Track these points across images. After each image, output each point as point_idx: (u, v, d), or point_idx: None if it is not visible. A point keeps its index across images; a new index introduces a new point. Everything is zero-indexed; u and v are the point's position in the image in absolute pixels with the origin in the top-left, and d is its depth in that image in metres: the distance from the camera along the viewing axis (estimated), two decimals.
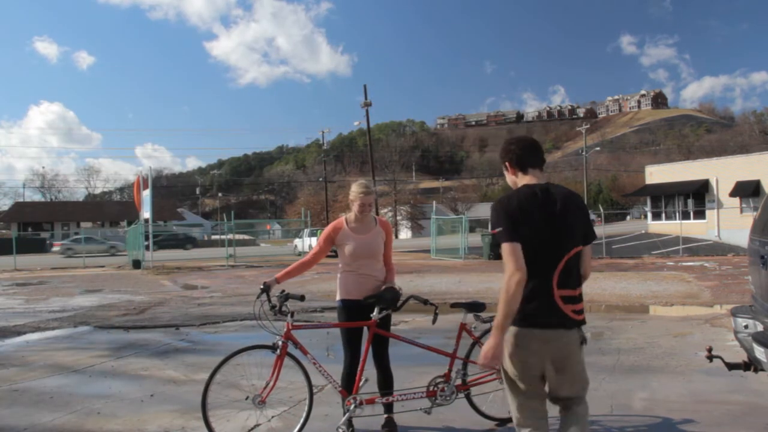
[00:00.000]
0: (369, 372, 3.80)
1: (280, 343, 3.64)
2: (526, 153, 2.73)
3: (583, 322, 2.58)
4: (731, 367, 4.02)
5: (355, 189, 3.97)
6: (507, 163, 2.76)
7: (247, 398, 3.67)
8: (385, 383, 3.89)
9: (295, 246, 32.50)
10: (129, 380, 5.52)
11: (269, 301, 3.66)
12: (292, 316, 3.69)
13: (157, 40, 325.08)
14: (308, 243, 28.66)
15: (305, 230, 30.73)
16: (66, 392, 5.13)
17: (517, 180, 2.74)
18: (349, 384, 3.80)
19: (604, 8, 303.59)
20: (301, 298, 3.80)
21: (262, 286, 3.71)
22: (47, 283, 17.37)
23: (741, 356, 4.04)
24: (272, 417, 4.19)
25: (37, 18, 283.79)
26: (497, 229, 2.58)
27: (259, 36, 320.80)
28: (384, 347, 3.90)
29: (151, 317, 9.71)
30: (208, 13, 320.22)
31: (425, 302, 4.03)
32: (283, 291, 3.67)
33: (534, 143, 2.80)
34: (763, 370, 3.68)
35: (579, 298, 2.57)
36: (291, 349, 3.70)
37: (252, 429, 4.01)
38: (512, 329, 2.51)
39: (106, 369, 6.00)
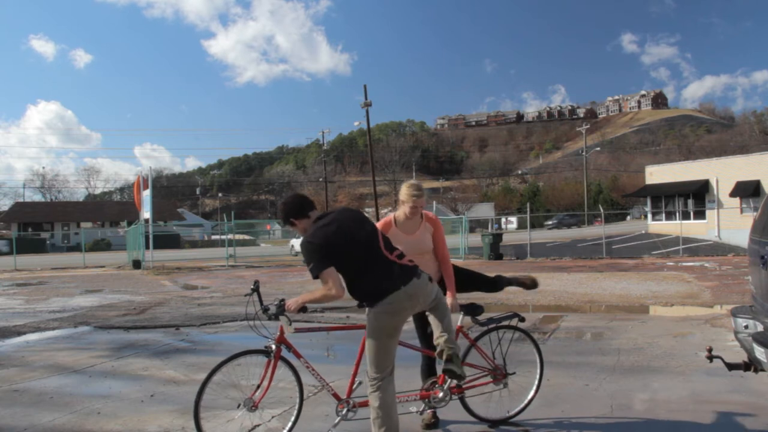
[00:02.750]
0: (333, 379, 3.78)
1: (273, 347, 3.57)
2: (300, 203, 3.43)
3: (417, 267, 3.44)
4: (731, 367, 4.01)
5: (406, 191, 3.96)
6: (292, 220, 3.40)
7: (239, 406, 3.54)
8: None
9: (292, 246, 32.41)
10: (129, 380, 5.52)
11: (261, 302, 3.54)
12: (288, 320, 3.52)
13: (154, 39, 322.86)
14: None
15: None
16: (66, 392, 5.13)
17: (306, 226, 3.39)
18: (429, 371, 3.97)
19: (605, 7, 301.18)
20: (303, 309, 3.53)
21: (252, 286, 3.62)
22: (47, 284, 17.38)
23: (741, 356, 4.04)
24: (272, 417, 4.20)
25: (33, 16, 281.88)
26: (310, 265, 3.22)
27: (258, 34, 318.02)
28: None
29: (151, 317, 9.71)
30: (207, 11, 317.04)
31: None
32: (282, 300, 3.51)
33: (301, 197, 3.54)
34: (763, 370, 3.68)
35: (402, 255, 3.43)
36: (285, 352, 3.62)
37: (252, 429, 4.01)
38: (389, 299, 3.23)
39: (106, 369, 6.00)
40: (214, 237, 58.77)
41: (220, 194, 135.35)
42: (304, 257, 3.29)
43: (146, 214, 23.35)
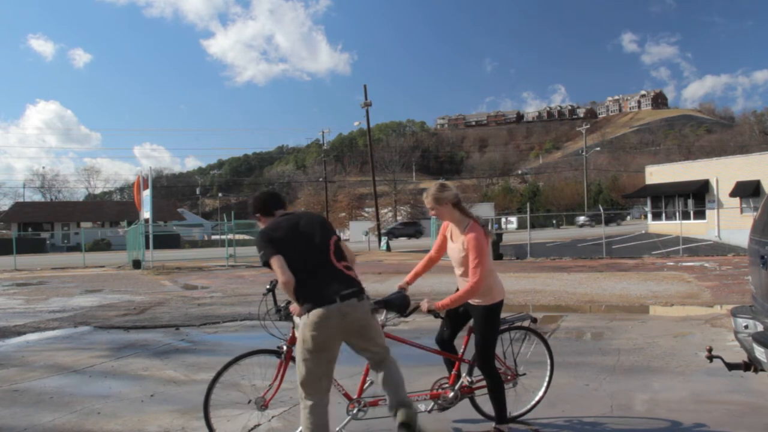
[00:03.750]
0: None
1: (285, 347, 3.58)
2: (267, 200, 3.50)
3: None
4: (731, 367, 4.01)
5: None
6: (258, 215, 3.46)
7: (249, 402, 3.58)
8: None
9: None
10: (129, 380, 5.52)
11: (275, 302, 3.54)
12: (294, 323, 3.53)
13: (154, 38, 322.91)
14: None
15: None
16: (66, 392, 5.13)
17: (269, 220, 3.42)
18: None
19: (605, 7, 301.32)
20: None
21: (268, 286, 3.62)
22: (47, 283, 17.37)
23: (741, 356, 4.04)
24: (272, 417, 4.20)
25: (32, 15, 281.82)
26: (260, 253, 3.20)
27: (258, 33, 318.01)
28: None
29: (151, 317, 9.71)
30: (206, 10, 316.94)
31: (437, 316, 3.85)
32: (288, 302, 3.48)
33: (270, 194, 3.61)
34: (763, 370, 3.68)
35: (349, 267, 3.35)
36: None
37: (252, 429, 4.01)
38: (321, 311, 3.07)
39: (106, 369, 6.00)
40: (214, 237, 58.73)
41: (220, 194, 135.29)
42: (257, 249, 3.21)
43: (146, 214, 23.35)
